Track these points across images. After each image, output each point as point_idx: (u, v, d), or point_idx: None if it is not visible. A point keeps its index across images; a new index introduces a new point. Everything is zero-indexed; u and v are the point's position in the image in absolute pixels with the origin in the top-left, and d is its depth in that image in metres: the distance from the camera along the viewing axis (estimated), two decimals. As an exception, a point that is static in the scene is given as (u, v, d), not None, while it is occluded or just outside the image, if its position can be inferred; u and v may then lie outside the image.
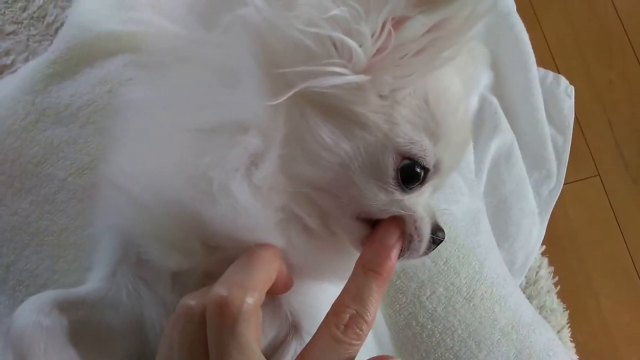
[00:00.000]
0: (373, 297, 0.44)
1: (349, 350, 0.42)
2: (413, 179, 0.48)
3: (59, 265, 0.66)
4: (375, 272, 0.44)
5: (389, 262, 0.45)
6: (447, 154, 0.49)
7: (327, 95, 0.45)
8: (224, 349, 0.40)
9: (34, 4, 1.10)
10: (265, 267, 0.44)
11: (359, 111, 0.46)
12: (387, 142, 0.46)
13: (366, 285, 0.44)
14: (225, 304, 0.41)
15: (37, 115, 0.71)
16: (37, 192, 0.68)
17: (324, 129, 0.45)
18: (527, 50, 1.25)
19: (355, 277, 0.45)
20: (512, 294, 0.73)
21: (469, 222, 0.76)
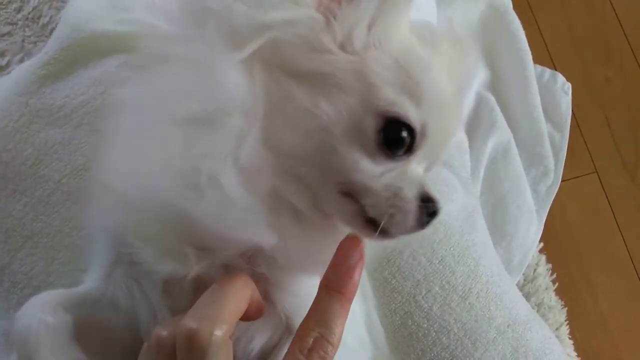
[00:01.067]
0: (337, 318, 0.43)
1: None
2: (399, 143, 0.47)
3: (53, 267, 0.66)
4: (338, 292, 0.44)
5: (351, 282, 0.44)
6: (432, 118, 0.49)
7: (297, 60, 0.46)
8: None
9: (28, 5, 1.10)
10: (236, 298, 0.44)
11: (329, 71, 0.46)
12: (366, 103, 0.46)
13: (329, 307, 0.43)
14: (193, 336, 0.40)
15: (30, 117, 0.71)
16: (31, 193, 0.68)
17: (301, 91, 0.46)
18: (524, 48, 1.25)
19: (319, 299, 0.44)
20: (508, 292, 0.73)
21: (464, 220, 0.75)
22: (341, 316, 0.43)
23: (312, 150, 0.46)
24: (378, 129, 0.46)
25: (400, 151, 0.48)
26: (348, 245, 0.45)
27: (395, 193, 0.47)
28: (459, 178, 0.78)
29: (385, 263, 0.70)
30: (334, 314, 0.43)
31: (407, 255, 0.70)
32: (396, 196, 0.47)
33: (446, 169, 0.77)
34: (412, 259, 0.70)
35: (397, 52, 0.49)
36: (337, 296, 0.44)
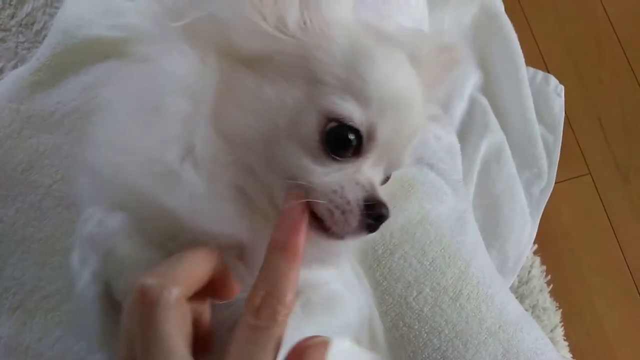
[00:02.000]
0: (284, 276, 0.41)
1: (267, 335, 0.40)
2: (344, 145, 0.47)
3: (45, 272, 0.66)
4: (283, 249, 0.42)
5: (295, 237, 0.43)
6: (383, 119, 0.48)
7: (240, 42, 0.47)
8: (143, 338, 0.40)
9: (22, 11, 1.10)
10: (193, 263, 0.44)
11: (270, 54, 0.47)
12: (310, 97, 0.46)
13: (275, 265, 0.42)
14: (144, 292, 0.40)
15: (22, 123, 0.71)
16: (22, 199, 0.68)
17: (250, 77, 0.47)
18: (516, 50, 1.26)
19: (265, 260, 0.43)
20: (499, 293, 0.73)
21: (455, 222, 0.76)
22: (289, 273, 0.42)
23: (259, 140, 0.47)
24: (320, 129, 0.46)
25: (347, 153, 0.48)
26: (290, 207, 0.44)
27: (334, 191, 0.46)
28: (448, 181, 0.78)
29: (377, 265, 0.70)
30: (280, 271, 0.42)
31: (398, 256, 0.70)
32: (335, 194, 0.46)
33: (434, 173, 0.77)
34: (403, 261, 0.70)
35: (343, 42, 0.48)
36: (281, 253, 0.42)
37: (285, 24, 0.48)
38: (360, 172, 0.48)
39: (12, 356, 0.65)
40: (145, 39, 0.52)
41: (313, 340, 0.42)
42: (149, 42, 0.51)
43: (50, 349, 0.65)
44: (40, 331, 0.66)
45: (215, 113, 0.47)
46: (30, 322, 0.66)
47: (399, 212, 0.72)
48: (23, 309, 0.66)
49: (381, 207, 0.47)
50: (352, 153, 0.48)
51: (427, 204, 0.73)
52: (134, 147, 0.47)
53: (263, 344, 0.40)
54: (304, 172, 0.47)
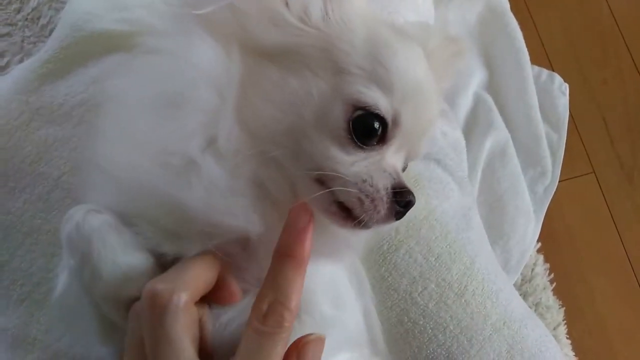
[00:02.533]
0: (290, 282, 0.43)
1: (273, 340, 0.41)
2: (370, 134, 0.48)
3: (53, 263, 0.66)
4: (289, 256, 0.43)
5: (301, 245, 0.43)
6: (405, 107, 0.48)
7: (262, 36, 0.48)
8: (154, 341, 0.42)
9: (28, 6, 1.10)
10: (200, 269, 0.45)
11: (294, 46, 0.48)
12: (336, 88, 0.47)
13: (281, 272, 0.43)
14: (154, 295, 0.42)
15: (30, 115, 0.71)
16: (31, 191, 0.69)
17: (274, 69, 0.48)
18: (522, 49, 1.26)
19: (272, 266, 0.44)
20: (504, 290, 0.74)
21: (460, 218, 0.76)
22: (295, 280, 0.43)
23: (285, 132, 0.47)
24: (347, 118, 0.47)
25: (372, 141, 0.48)
26: (297, 210, 0.45)
27: (364, 180, 0.47)
28: (454, 177, 0.78)
29: (382, 260, 0.70)
30: (286, 278, 0.43)
31: (403, 252, 0.70)
32: (365, 183, 0.47)
33: (440, 168, 0.77)
34: (409, 257, 0.70)
35: (364, 34, 0.49)
36: (288, 260, 0.43)
37: (308, 15, 0.49)
38: (385, 160, 0.49)
39: (19, 347, 0.66)
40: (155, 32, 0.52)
41: (309, 338, 0.43)
42: (160, 35, 0.51)
43: (58, 341, 0.66)
44: (47, 323, 0.66)
45: (239, 106, 0.47)
46: (37, 314, 0.66)
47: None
48: (31, 301, 0.67)
49: (409, 194, 0.48)
50: (377, 141, 0.49)
51: (433, 200, 0.73)
52: (149, 140, 0.47)
53: (269, 348, 0.41)
54: (332, 162, 0.47)
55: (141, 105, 0.49)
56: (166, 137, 0.47)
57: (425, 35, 0.58)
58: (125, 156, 0.48)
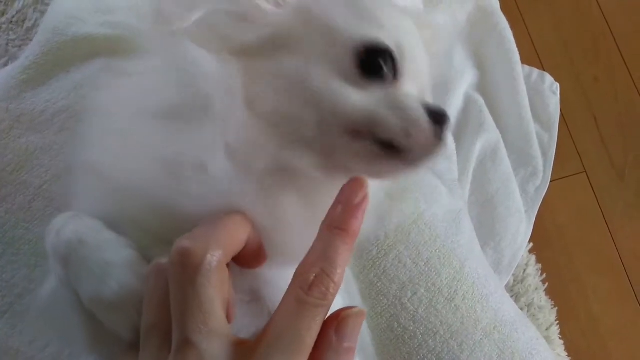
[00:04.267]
0: (340, 255, 0.41)
1: (314, 312, 0.40)
2: (382, 69, 0.48)
3: (35, 274, 0.65)
4: (341, 230, 0.42)
5: (354, 220, 0.42)
6: (402, 36, 0.49)
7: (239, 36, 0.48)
8: (182, 301, 0.39)
9: (12, 9, 1.09)
10: (233, 227, 0.44)
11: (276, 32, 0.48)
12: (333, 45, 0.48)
13: (331, 243, 0.41)
14: (187, 254, 0.40)
15: (11, 122, 0.70)
16: (12, 200, 0.67)
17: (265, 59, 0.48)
18: (512, 48, 1.25)
19: (320, 237, 0.42)
20: (494, 293, 0.73)
21: (450, 222, 0.75)
22: (343, 253, 0.41)
23: (301, 106, 0.47)
24: (356, 62, 0.47)
25: (388, 77, 0.48)
26: (352, 186, 0.43)
27: (401, 109, 0.47)
28: (443, 180, 0.78)
29: (371, 266, 0.70)
30: (336, 250, 0.41)
31: (392, 257, 0.70)
32: (404, 111, 0.46)
33: (429, 172, 0.77)
34: (398, 262, 0.70)
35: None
36: (339, 232, 0.42)
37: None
38: (406, 90, 0.49)
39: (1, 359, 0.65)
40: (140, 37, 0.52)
41: (350, 311, 0.42)
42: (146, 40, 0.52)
43: (41, 352, 0.65)
44: (30, 334, 0.65)
45: (248, 102, 0.47)
46: (20, 325, 0.65)
47: (394, 212, 0.71)
48: (13, 312, 0.65)
49: (442, 110, 0.48)
50: (393, 76, 0.49)
51: (422, 204, 0.73)
52: (155, 150, 0.46)
53: (310, 319, 0.40)
54: (360, 108, 0.46)
55: (142, 116, 0.48)
56: (182, 148, 0.46)
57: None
58: (124, 164, 0.48)
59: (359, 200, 0.43)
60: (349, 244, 0.42)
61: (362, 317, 0.43)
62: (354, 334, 0.42)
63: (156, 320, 0.42)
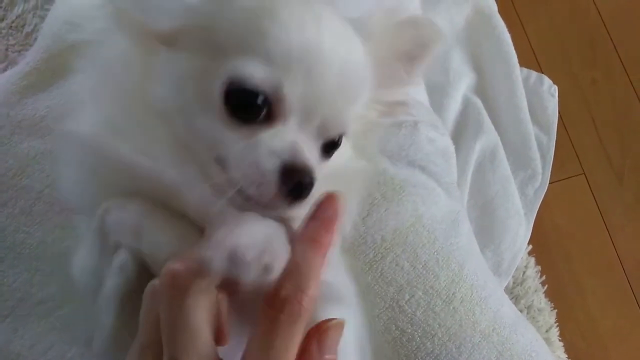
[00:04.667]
0: (312, 267, 0.41)
1: (291, 330, 0.40)
2: (250, 109, 0.45)
3: (37, 278, 0.66)
4: (314, 241, 0.41)
5: (327, 232, 0.41)
6: (290, 77, 0.45)
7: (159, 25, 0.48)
8: (171, 323, 0.40)
9: (12, 14, 1.10)
10: None
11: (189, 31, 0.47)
12: (217, 67, 0.46)
13: (304, 257, 0.41)
14: (176, 276, 0.40)
15: (12, 128, 0.70)
16: (13, 204, 0.68)
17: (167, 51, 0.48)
18: (510, 51, 1.26)
19: (293, 251, 0.42)
20: (493, 295, 0.73)
21: (448, 224, 0.75)
22: (319, 267, 0.41)
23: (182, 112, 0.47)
24: (224, 94, 0.45)
25: (257, 117, 0.46)
26: (325, 201, 0.43)
27: (250, 164, 0.45)
28: (440, 183, 0.77)
29: (368, 269, 0.70)
30: (308, 262, 0.41)
31: (389, 260, 0.70)
32: (251, 167, 0.45)
33: (425, 175, 0.76)
34: (395, 264, 0.70)
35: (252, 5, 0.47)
36: (311, 244, 0.41)
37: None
38: (279, 138, 0.46)
39: (2, 363, 0.65)
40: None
41: (330, 323, 0.42)
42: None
43: (43, 356, 0.65)
44: (32, 338, 0.65)
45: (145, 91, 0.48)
46: (22, 329, 0.65)
47: (391, 215, 0.71)
48: (14, 316, 0.66)
49: (300, 175, 0.45)
50: (266, 117, 0.46)
51: (420, 206, 0.73)
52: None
53: (287, 336, 0.40)
54: (220, 142, 0.46)
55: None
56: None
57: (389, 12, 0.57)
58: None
59: (331, 215, 0.42)
60: (322, 255, 0.41)
61: (342, 328, 0.43)
62: (335, 345, 0.42)
63: (149, 341, 0.42)
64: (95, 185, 0.51)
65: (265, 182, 0.44)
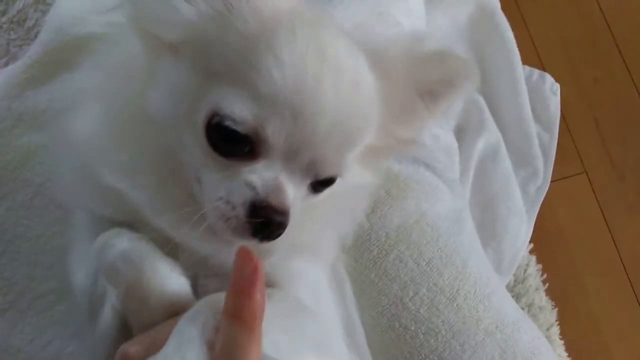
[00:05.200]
0: (242, 349, 0.37)
1: None
2: (231, 142, 0.44)
3: (36, 271, 0.66)
4: (238, 318, 0.38)
5: (250, 303, 0.38)
6: (274, 118, 0.42)
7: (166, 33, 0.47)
8: None
9: (13, 8, 1.09)
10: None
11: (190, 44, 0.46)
12: (204, 91, 0.44)
13: (231, 338, 0.38)
14: (127, 357, 0.42)
15: (13, 121, 0.70)
16: (13, 198, 0.67)
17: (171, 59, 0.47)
18: (512, 49, 1.25)
19: (222, 330, 0.39)
20: (496, 293, 0.73)
21: (452, 222, 0.75)
22: (247, 345, 0.38)
23: (169, 124, 0.47)
24: (206, 123, 0.44)
25: (239, 152, 0.44)
26: (240, 262, 0.40)
27: (221, 197, 0.44)
28: (444, 180, 0.77)
29: (372, 265, 0.70)
30: (237, 344, 0.38)
31: (393, 257, 0.70)
32: (221, 200, 0.44)
33: (429, 172, 0.76)
34: (399, 261, 0.70)
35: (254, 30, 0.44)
36: (237, 323, 0.38)
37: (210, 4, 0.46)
38: (258, 174, 0.44)
39: (2, 358, 0.65)
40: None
41: None
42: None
43: (43, 350, 0.65)
44: (32, 332, 0.65)
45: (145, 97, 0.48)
46: (21, 324, 0.65)
47: (395, 212, 0.71)
48: (14, 310, 0.65)
49: (271, 213, 0.43)
50: (249, 152, 0.44)
51: (424, 204, 0.73)
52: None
53: None
54: (199, 168, 0.45)
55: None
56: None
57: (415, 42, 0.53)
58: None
59: (249, 278, 0.38)
60: (249, 332, 0.38)
61: None
62: None
63: None
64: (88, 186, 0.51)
65: (233, 217, 0.43)
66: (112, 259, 0.47)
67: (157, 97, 0.47)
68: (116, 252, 0.47)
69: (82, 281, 0.51)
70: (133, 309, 0.46)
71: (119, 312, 0.46)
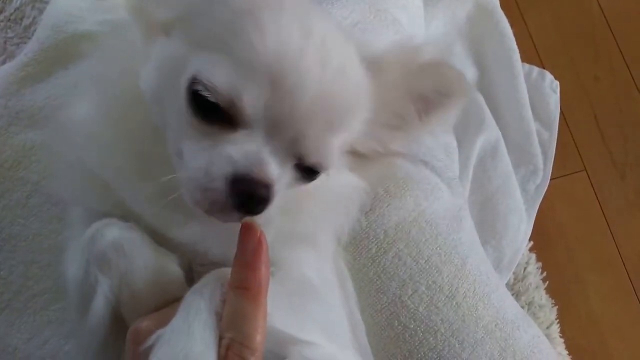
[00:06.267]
0: (248, 319, 0.39)
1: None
2: (207, 108, 0.42)
3: (33, 270, 0.65)
4: (244, 289, 0.40)
5: (255, 275, 0.40)
6: (253, 86, 0.41)
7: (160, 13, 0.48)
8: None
9: (10, 6, 1.08)
10: None
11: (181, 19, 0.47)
12: (188, 60, 0.44)
13: (238, 308, 0.40)
14: (138, 333, 0.42)
15: (9, 119, 0.70)
16: (9, 196, 0.67)
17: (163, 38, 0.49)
18: (512, 46, 1.25)
19: (227, 301, 0.41)
20: (496, 291, 0.73)
21: (451, 219, 0.75)
22: (253, 315, 0.40)
23: (156, 97, 0.47)
24: (186, 89, 0.43)
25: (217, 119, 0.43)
26: (243, 236, 0.41)
27: (200, 165, 0.43)
28: (443, 178, 0.77)
29: (370, 263, 0.69)
30: (243, 314, 0.40)
31: (392, 255, 0.69)
32: (200, 169, 0.43)
33: (428, 170, 0.76)
34: (398, 259, 0.69)
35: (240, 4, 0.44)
36: (243, 293, 0.40)
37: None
38: (240, 145, 0.43)
39: (-1, 357, 0.64)
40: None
41: None
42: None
43: (40, 349, 0.64)
44: (29, 331, 0.65)
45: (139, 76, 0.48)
46: (18, 322, 0.65)
47: (394, 210, 0.71)
48: (11, 309, 0.65)
49: (254, 186, 0.42)
50: (228, 122, 0.43)
51: (422, 201, 0.72)
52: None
53: None
54: (182, 140, 0.44)
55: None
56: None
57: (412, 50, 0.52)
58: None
59: (253, 251, 0.40)
60: (256, 301, 0.40)
61: None
62: None
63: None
64: (86, 181, 0.52)
65: (211, 189, 0.42)
66: (103, 248, 0.47)
67: (149, 72, 0.48)
68: (107, 241, 0.47)
69: (74, 273, 0.51)
70: (125, 298, 0.46)
71: (111, 301, 0.46)
